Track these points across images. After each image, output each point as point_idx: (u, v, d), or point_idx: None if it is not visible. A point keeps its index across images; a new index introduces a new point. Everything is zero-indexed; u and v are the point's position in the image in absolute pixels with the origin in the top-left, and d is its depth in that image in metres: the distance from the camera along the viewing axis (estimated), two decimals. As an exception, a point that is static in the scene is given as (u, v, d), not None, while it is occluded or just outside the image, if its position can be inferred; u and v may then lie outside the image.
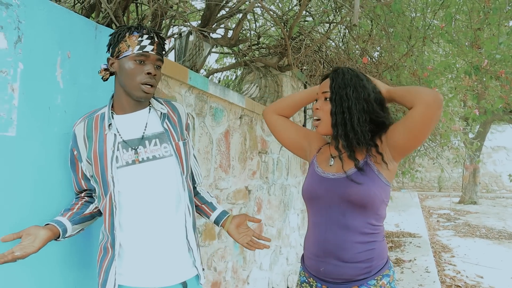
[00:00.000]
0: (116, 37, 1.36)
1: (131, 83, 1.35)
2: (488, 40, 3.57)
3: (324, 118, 1.49)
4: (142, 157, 1.37)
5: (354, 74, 1.46)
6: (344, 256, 1.41)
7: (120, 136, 1.38)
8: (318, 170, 1.54)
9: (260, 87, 4.02)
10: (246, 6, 3.08)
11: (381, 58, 4.99)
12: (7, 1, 1.26)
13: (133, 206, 1.37)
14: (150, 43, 1.35)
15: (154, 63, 1.37)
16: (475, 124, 9.36)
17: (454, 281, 5.19)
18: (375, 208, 1.42)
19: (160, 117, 1.45)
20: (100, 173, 1.36)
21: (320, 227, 1.47)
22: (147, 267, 1.38)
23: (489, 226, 9.41)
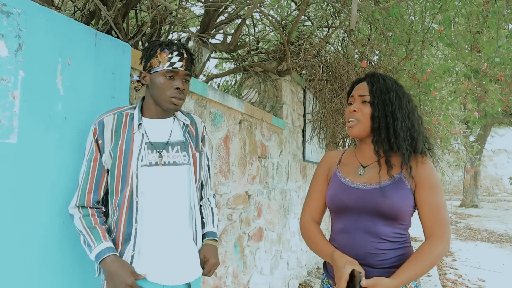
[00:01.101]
0: (148, 53, 1.47)
1: (161, 96, 1.46)
2: (487, 43, 3.59)
3: (362, 120, 1.49)
4: (165, 160, 1.48)
5: (393, 80, 1.51)
6: (374, 262, 1.41)
7: (148, 137, 1.47)
8: (346, 181, 1.52)
9: (259, 92, 4.03)
10: (245, 11, 3.10)
11: (380, 62, 5.01)
12: (8, 10, 1.28)
13: (151, 205, 1.45)
14: (179, 60, 1.45)
15: (182, 78, 1.47)
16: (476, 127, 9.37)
17: (456, 285, 5.18)
18: (404, 219, 1.44)
19: (182, 128, 1.58)
20: (121, 168, 1.43)
21: (349, 234, 1.47)
22: (158, 264, 1.45)
23: (490, 229, 9.39)
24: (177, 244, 1.49)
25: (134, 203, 1.42)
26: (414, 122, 1.47)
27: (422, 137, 1.48)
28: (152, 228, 1.45)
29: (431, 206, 1.42)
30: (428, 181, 1.43)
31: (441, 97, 5.49)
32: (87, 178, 1.43)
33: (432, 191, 1.43)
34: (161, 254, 1.45)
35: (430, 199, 1.42)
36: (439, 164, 7.00)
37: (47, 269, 1.43)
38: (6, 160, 1.28)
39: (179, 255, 1.49)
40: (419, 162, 1.45)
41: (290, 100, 4.40)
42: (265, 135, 3.64)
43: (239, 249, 3.10)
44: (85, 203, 1.43)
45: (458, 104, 6.30)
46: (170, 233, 1.48)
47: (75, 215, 1.42)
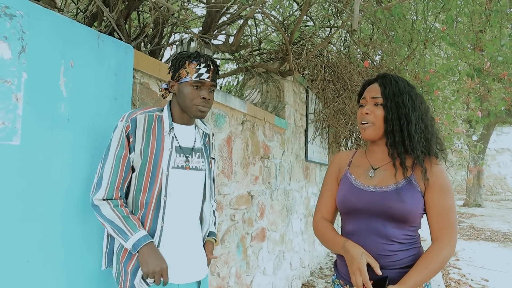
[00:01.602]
0: (177, 63, 1.55)
1: (188, 105, 1.54)
2: (490, 42, 3.58)
3: (376, 123, 1.49)
4: (191, 165, 1.58)
5: (406, 82, 1.50)
6: (385, 263, 1.41)
7: (178, 141, 1.55)
8: (357, 183, 1.52)
9: (261, 93, 4.03)
10: (247, 12, 3.10)
11: (382, 61, 5.00)
12: (11, 12, 1.28)
13: (175, 205, 1.53)
14: (206, 71, 1.53)
15: (209, 88, 1.56)
16: (479, 127, 9.34)
17: (459, 284, 5.16)
18: (414, 221, 1.44)
19: (202, 136, 1.69)
20: (152, 167, 1.49)
21: (359, 236, 1.47)
22: (176, 264, 1.51)
23: (494, 229, 9.36)
24: (191, 244, 1.59)
25: (161, 202, 1.49)
26: (428, 124, 1.46)
27: (435, 139, 1.47)
28: (174, 228, 1.53)
29: (440, 209, 1.42)
30: (439, 184, 1.43)
31: (444, 96, 5.48)
32: (116, 174, 1.46)
33: (442, 194, 1.42)
34: (179, 254, 1.53)
35: (440, 201, 1.42)
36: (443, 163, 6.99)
37: (51, 269, 1.44)
38: (9, 161, 1.29)
39: (193, 254, 1.59)
40: (433, 164, 1.45)
41: (293, 100, 4.40)
42: (267, 135, 3.64)
43: (242, 250, 3.10)
44: (113, 197, 1.47)
45: (461, 104, 6.28)
46: (188, 233, 1.58)
47: (103, 206, 1.44)
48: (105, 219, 1.43)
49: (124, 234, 1.41)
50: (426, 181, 1.43)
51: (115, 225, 1.42)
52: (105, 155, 1.48)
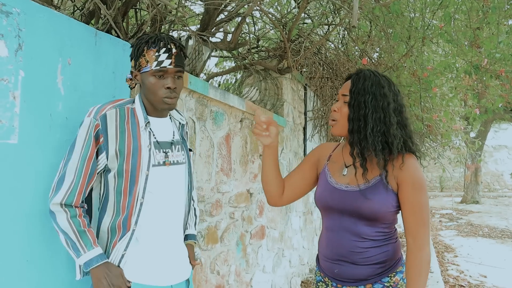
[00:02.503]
0: (136, 52, 1.41)
1: (153, 97, 1.41)
2: (488, 39, 3.58)
3: (340, 121, 1.48)
4: (171, 159, 1.47)
5: (376, 81, 1.44)
6: (357, 259, 1.45)
7: (155, 136, 1.44)
8: (331, 181, 1.54)
9: (260, 90, 4.02)
10: (245, 9, 3.09)
11: (380, 59, 5.00)
12: (7, 9, 1.27)
13: (156, 206, 1.43)
14: (167, 57, 1.37)
15: (174, 75, 1.41)
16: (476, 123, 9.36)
17: (458, 281, 5.18)
18: (385, 219, 1.45)
19: (179, 128, 1.57)
20: (130, 168, 1.37)
21: (333, 232, 1.50)
22: (162, 265, 1.44)
23: (491, 225, 9.39)
24: (177, 243, 1.52)
25: (138, 204, 1.38)
26: (391, 127, 1.41)
27: (398, 141, 1.42)
28: (152, 228, 1.43)
29: (413, 206, 1.42)
30: (411, 181, 1.42)
31: (441, 93, 5.48)
32: (79, 177, 1.33)
33: (414, 191, 1.42)
34: (168, 255, 1.46)
35: (412, 198, 1.42)
36: (440, 160, 7.00)
37: (50, 268, 1.43)
38: (7, 160, 1.28)
39: (180, 253, 1.53)
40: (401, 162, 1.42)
41: (291, 98, 4.39)
42: (266, 133, 3.63)
43: (242, 248, 3.10)
44: (73, 203, 1.32)
45: (459, 101, 6.29)
46: (172, 232, 1.49)
47: (59, 215, 1.31)
48: (59, 229, 1.31)
49: (77, 249, 1.30)
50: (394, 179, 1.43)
51: (69, 238, 1.30)
52: (69, 153, 1.34)
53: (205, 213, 2.55)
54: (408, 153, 1.46)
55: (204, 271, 2.52)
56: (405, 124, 1.47)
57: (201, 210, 2.51)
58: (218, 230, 2.72)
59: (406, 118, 1.49)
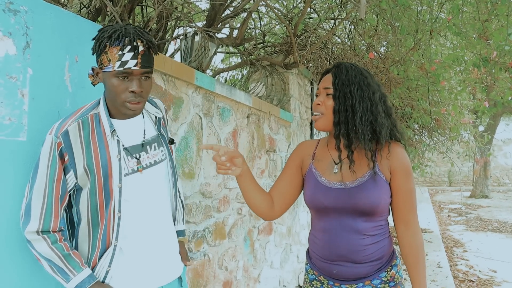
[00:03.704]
0: (97, 47, 1.24)
1: (116, 100, 1.26)
2: (497, 31, 3.53)
3: (326, 114, 1.47)
4: (145, 163, 1.35)
5: (358, 71, 1.45)
6: (357, 258, 1.44)
7: (123, 143, 1.31)
8: (323, 180, 1.50)
9: (266, 86, 4.01)
10: (250, 5, 3.08)
11: (387, 52, 4.96)
12: (15, 8, 1.28)
13: (136, 213, 1.35)
14: (132, 57, 1.21)
15: (140, 76, 1.25)
16: (485, 117, 9.26)
17: (467, 276, 5.15)
18: (382, 211, 1.46)
19: (155, 122, 1.45)
20: (103, 183, 1.27)
21: (330, 232, 1.47)
22: (150, 269, 1.40)
23: (501, 220, 9.32)
24: (163, 244, 1.44)
25: (116, 219, 1.29)
26: (378, 115, 1.41)
27: (386, 130, 1.42)
28: (136, 236, 1.35)
29: (405, 192, 1.45)
30: (403, 169, 1.44)
31: (450, 87, 5.44)
32: (51, 201, 1.22)
33: (407, 178, 1.45)
34: (149, 259, 1.38)
35: (405, 185, 1.44)
36: (449, 154, 6.95)
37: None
38: (16, 157, 1.29)
39: (169, 253, 1.46)
40: (387, 152, 1.44)
41: (298, 93, 4.38)
42: (273, 128, 3.63)
43: (249, 243, 3.11)
44: (50, 228, 1.22)
45: (468, 94, 6.23)
46: (156, 235, 1.41)
47: (37, 242, 1.21)
48: (41, 257, 1.22)
49: (65, 274, 1.21)
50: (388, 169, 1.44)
51: (54, 264, 1.21)
52: (33, 176, 1.22)
53: (212, 209, 2.56)
54: (394, 141, 1.47)
55: (212, 266, 2.53)
56: (390, 113, 1.48)
57: (209, 206, 2.52)
58: (225, 226, 2.73)
59: (390, 107, 1.49)
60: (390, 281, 1.46)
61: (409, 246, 1.46)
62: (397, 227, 1.48)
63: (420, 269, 1.44)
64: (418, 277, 1.44)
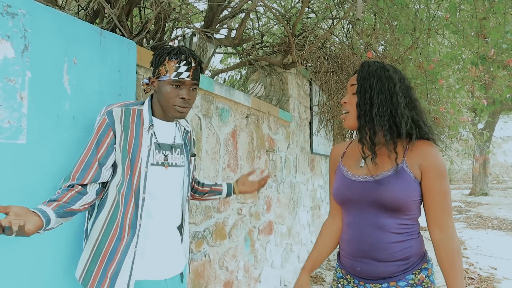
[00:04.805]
0: (157, 60, 1.48)
1: (167, 104, 1.48)
2: (494, 29, 3.53)
3: (351, 111, 1.47)
4: (170, 161, 1.52)
5: (380, 65, 1.45)
6: (380, 256, 1.40)
7: (156, 138, 1.49)
8: (348, 174, 1.50)
9: (265, 86, 4.02)
10: (248, 5, 3.09)
11: (386, 51, 4.97)
12: (13, 11, 1.28)
13: (155, 203, 1.48)
14: (186, 69, 1.46)
15: (189, 87, 1.49)
16: (484, 115, 9.27)
17: (467, 273, 5.16)
18: (408, 209, 1.40)
19: (182, 133, 1.63)
20: (130, 163, 1.43)
21: (354, 227, 1.46)
22: (160, 262, 1.49)
23: (501, 217, 9.33)
24: (171, 238, 1.56)
25: (140, 200, 1.42)
26: (398, 107, 1.39)
27: (406, 120, 1.39)
28: (155, 224, 1.49)
29: (438, 194, 1.38)
30: (435, 168, 1.38)
31: (448, 85, 5.44)
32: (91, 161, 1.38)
33: (439, 178, 1.38)
34: (162, 251, 1.50)
35: (437, 186, 1.38)
36: (448, 152, 6.95)
37: (60, 267, 1.45)
38: (16, 160, 1.29)
39: (174, 249, 1.56)
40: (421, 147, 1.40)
41: (296, 93, 4.39)
42: (272, 128, 3.63)
43: (250, 243, 3.11)
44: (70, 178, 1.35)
45: (466, 92, 6.22)
46: (168, 228, 1.55)
47: None
48: None
49: None
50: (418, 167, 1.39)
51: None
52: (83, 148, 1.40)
53: (212, 209, 2.57)
54: (422, 139, 1.43)
55: (212, 267, 2.53)
56: (414, 105, 1.44)
57: (209, 207, 2.53)
58: (226, 226, 2.73)
59: (415, 99, 1.46)
60: (418, 284, 1.40)
61: (445, 250, 1.38)
62: (431, 230, 1.42)
63: (458, 274, 1.35)
64: (456, 283, 1.35)
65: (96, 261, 1.40)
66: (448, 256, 1.37)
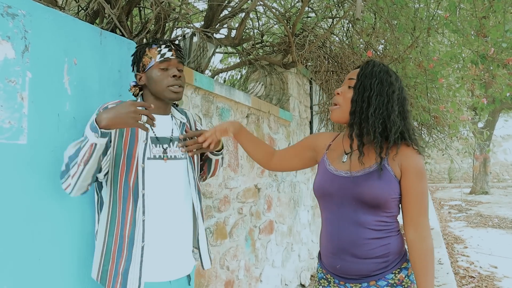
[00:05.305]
0: (138, 54, 1.53)
1: (160, 88, 1.49)
2: (494, 28, 3.53)
3: (342, 105, 1.48)
4: (169, 154, 1.51)
5: (384, 69, 1.46)
6: (358, 252, 1.41)
7: (154, 132, 1.49)
8: (331, 168, 1.52)
9: (265, 85, 4.02)
10: (248, 5, 3.09)
11: (386, 51, 4.96)
12: (13, 12, 1.28)
13: (156, 198, 1.45)
14: (168, 50, 1.50)
15: (176, 67, 1.51)
16: (484, 113, 9.27)
17: (468, 272, 5.16)
18: (387, 207, 1.42)
19: (179, 126, 1.61)
20: (126, 159, 1.43)
21: (333, 224, 1.47)
22: (164, 262, 1.45)
23: (501, 215, 9.34)
24: (178, 237, 1.51)
25: (140, 195, 1.41)
26: (392, 113, 1.41)
27: (396, 128, 1.41)
28: (157, 222, 1.45)
29: (416, 194, 1.41)
30: (414, 169, 1.41)
31: (448, 84, 5.44)
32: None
33: (418, 179, 1.41)
34: (166, 250, 1.47)
35: (415, 187, 1.41)
36: (448, 151, 6.95)
37: (62, 266, 1.45)
38: (17, 161, 1.29)
39: (180, 249, 1.52)
40: (395, 152, 1.42)
41: (297, 92, 4.39)
42: (272, 128, 3.63)
43: (251, 243, 3.11)
44: None
45: (466, 91, 6.22)
46: (173, 227, 1.50)
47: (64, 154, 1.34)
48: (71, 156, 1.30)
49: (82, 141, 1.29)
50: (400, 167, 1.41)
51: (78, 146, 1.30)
52: None
53: (213, 209, 2.57)
54: (405, 144, 1.45)
55: (213, 266, 2.54)
56: (406, 116, 1.46)
57: (209, 206, 2.53)
58: (226, 226, 2.74)
59: (407, 111, 1.48)
60: (398, 284, 1.42)
61: (418, 250, 1.40)
62: (406, 230, 1.44)
63: (428, 275, 1.38)
64: (426, 283, 1.38)
65: (108, 260, 1.42)
66: (420, 256, 1.40)
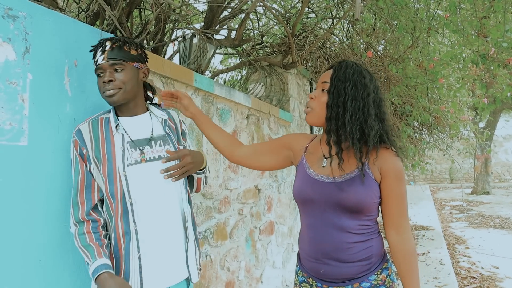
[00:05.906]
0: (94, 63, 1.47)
1: (101, 95, 1.45)
2: (494, 28, 3.53)
3: (316, 109, 1.45)
4: (148, 156, 1.46)
5: (358, 70, 1.42)
6: (343, 257, 1.41)
7: (128, 136, 1.45)
8: (311, 173, 1.49)
9: (265, 86, 4.02)
10: (248, 6, 3.09)
11: (386, 51, 4.97)
12: (14, 13, 1.29)
13: (143, 204, 1.42)
14: (100, 54, 1.42)
15: (110, 69, 1.42)
16: (485, 113, 9.26)
17: (469, 272, 5.15)
18: (369, 211, 1.42)
19: (161, 123, 1.56)
20: (107, 172, 1.40)
21: (316, 229, 1.45)
22: (161, 268, 1.43)
23: (503, 216, 9.32)
24: (172, 241, 1.48)
25: (128, 205, 1.39)
26: (369, 117, 1.39)
27: (374, 133, 1.39)
28: (149, 229, 1.42)
29: (396, 197, 1.41)
30: (393, 172, 1.40)
31: (448, 84, 5.44)
32: (76, 191, 1.40)
33: (398, 181, 1.41)
34: (161, 257, 1.44)
35: (395, 189, 1.41)
36: (449, 152, 6.95)
37: (63, 268, 1.45)
38: (17, 162, 1.30)
39: (176, 252, 1.48)
40: (375, 156, 1.40)
41: (297, 93, 4.39)
42: (272, 129, 3.64)
43: (251, 244, 3.12)
44: (79, 217, 1.39)
45: (467, 91, 6.22)
46: (166, 230, 1.46)
47: (74, 233, 1.39)
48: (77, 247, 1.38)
49: (87, 263, 1.34)
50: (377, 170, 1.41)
51: (81, 254, 1.36)
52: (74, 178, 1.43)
53: (213, 210, 2.57)
54: (384, 147, 1.44)
55: (214, 267, 2.54)
56: (383, 118, 1.44)
57: (210, 207, 2.53)
58: (227, 227, 2.74)
59: (384, 112, 1.45)
60: (381, 284, 1.42)
61: (401, 252, 1.41)
62: (387, 233, 1.45)
63: (414, 275, 1.40)
64: (412, 284, 1.40)
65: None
66: (404, 257, 1.42)
